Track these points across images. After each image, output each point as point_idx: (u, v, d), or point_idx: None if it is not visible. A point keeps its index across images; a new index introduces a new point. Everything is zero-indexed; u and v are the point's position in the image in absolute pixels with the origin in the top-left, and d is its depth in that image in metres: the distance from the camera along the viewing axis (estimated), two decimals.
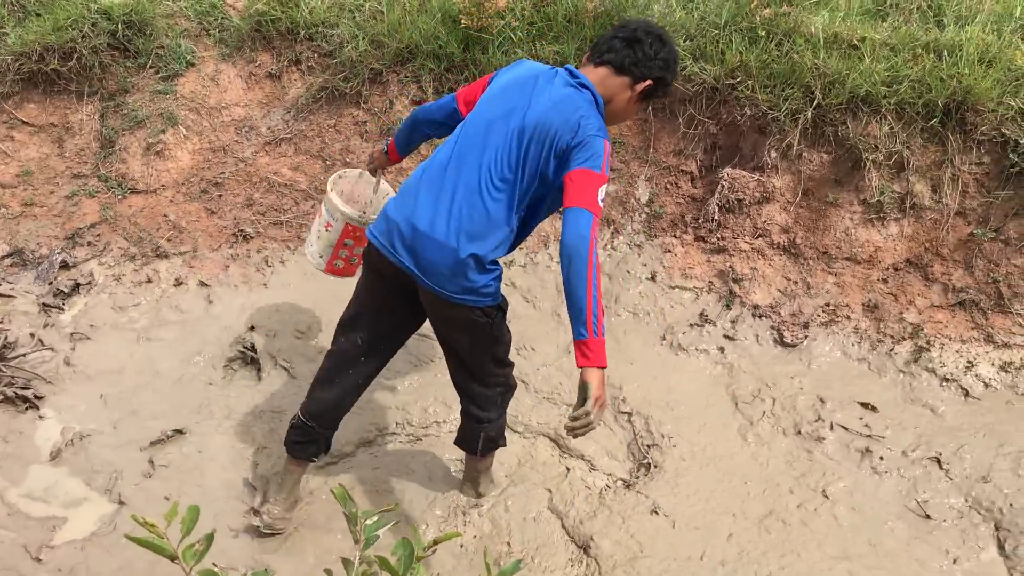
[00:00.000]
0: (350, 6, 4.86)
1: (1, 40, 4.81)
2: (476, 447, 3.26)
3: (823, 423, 3.71)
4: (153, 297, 4.33)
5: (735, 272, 4.27)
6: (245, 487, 3.44)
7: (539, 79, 2.81)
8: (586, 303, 2.58)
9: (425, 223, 2.75)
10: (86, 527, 3.28)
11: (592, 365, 2.61)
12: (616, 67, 2.81)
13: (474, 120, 2.84)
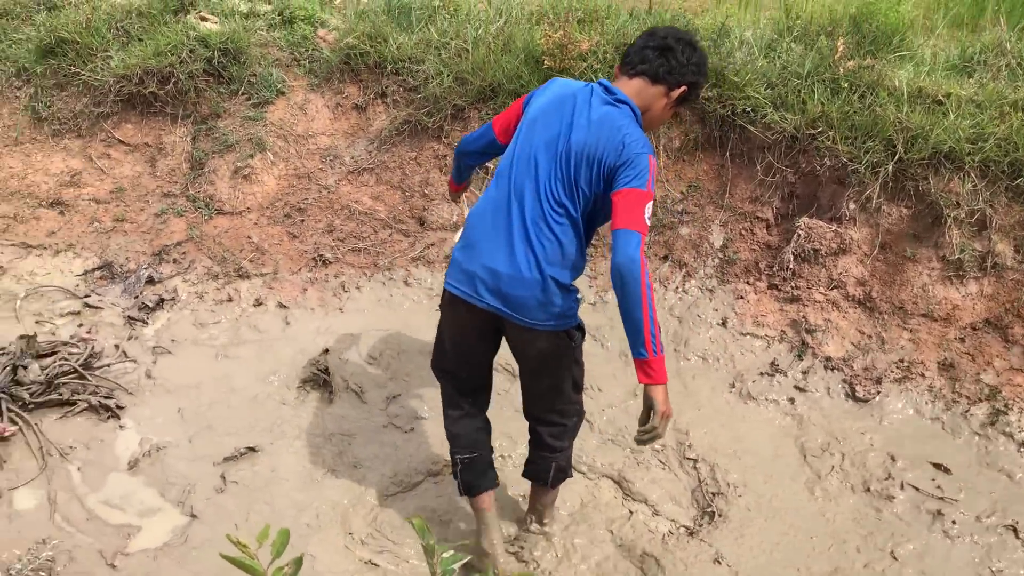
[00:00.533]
0: (436, 43, 4.99)
1: (105, 63, 5.04)
2: (548, 478, 3.26)
3: (893, 482, 3.65)
4: (233, 316, 4.47)
5: (808, 322, 4.24)
6: (314, 512, 3.50)
7: (576, 99, 2.83)
8: (643, 323, 2.62)
9: (505, 265, 2.80)
10: (159, 537, 3.36)
11: (654, 383, 2.66)
12: (651, 77, 2.84)
13: (521, 151, 2.85)
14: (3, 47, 5.35)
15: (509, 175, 2.85)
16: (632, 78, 2.86)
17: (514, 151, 2.88)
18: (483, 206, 2.90)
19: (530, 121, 2.88)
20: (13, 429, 3.70)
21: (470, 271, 2.86)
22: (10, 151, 5.17)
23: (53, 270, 4.68)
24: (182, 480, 3.60)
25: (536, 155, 2.81)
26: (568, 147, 2.77)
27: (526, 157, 2.83)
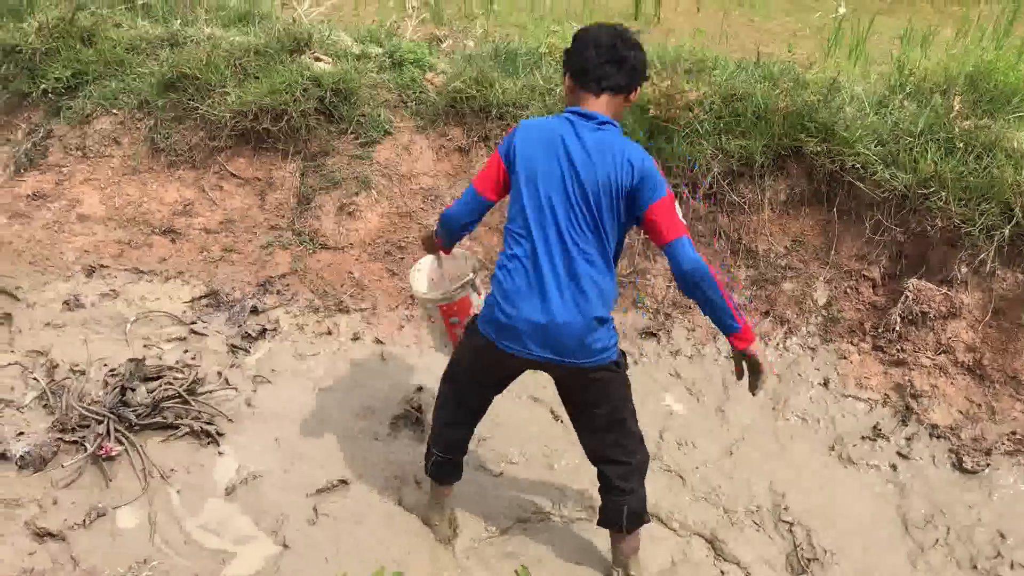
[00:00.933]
0: (541, 89, 5.05)
1: (222, 98, 5.24)
2: (621, 522, 3.26)
3: (1003, 560, 3.48)
4: (331, 349, 4.55)
5: (914, 387, 4.10)
6: (403, 548, 3.51)
7: (563, 136, 2.89)
8: (727, 305, 2.87)
9: (549, 316, 2.89)
10: (252, 565, 3.41)
11: (751, 343, 2.95)
12: (615, 90, 2.94)
13: (532, 204, 2.91)
14: (128, 80, 5.61)
15: (528, 230, 2.91)
16: (599, 95, 2.94)
17: (523, 206, 2.92)
18: (512, 265, 2.95)
19: (527, 173, 2.92)
20: (119, 449, 3.82)
21: (515, 328, 2.94)
22: (128, 179, 5.40)
23: (162, 296, 4.85)
24: (276, 509, 3.65)
25: (550, 204, 2.88)
26: (581, 186, 2.84)
27: (539, 208, 2.90)
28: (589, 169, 2.84)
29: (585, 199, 2.85)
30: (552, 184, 2.88)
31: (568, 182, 2.86)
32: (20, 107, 5.84)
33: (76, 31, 5.81)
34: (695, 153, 4.54)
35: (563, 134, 2.90)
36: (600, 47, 2.91)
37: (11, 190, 5.48)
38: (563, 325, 2.89)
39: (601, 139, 2.88)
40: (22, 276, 4.88)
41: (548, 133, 2.93)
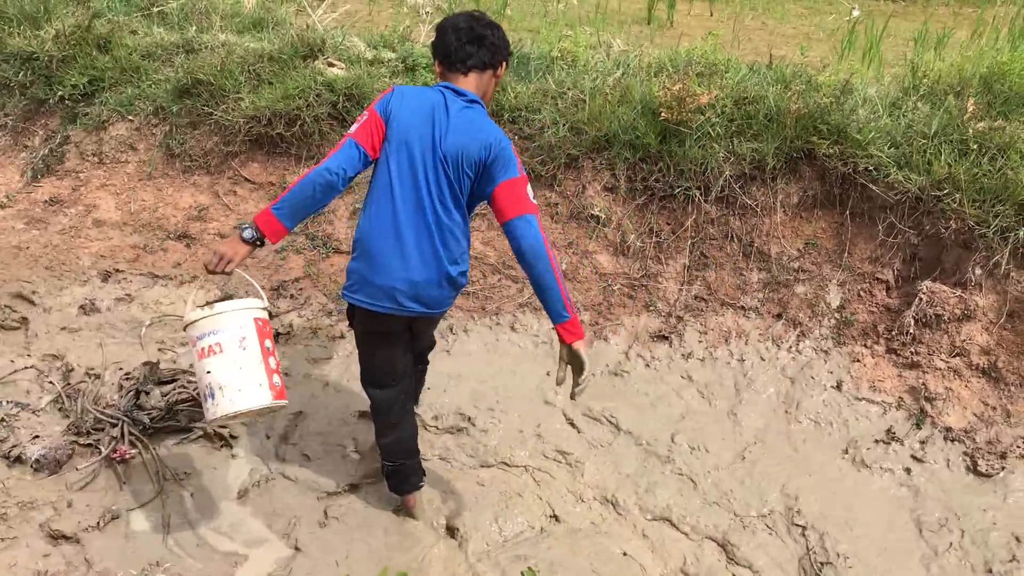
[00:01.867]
0: (553, 93, 5.05)
1: (236, 104, 5.28)
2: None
3: (1018, 565, 3.45)
4: (344, 352, 4.56)
5: (928, 390, 4.07)
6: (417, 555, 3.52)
7: (436, 107, 3.10)
8: (559, 290, 3.04)
9: (419, 274, 3.12)
10: (264, 568, 3.43)
11: (579, 338, 3.08)
12: (480, 67, 3.19)
13: (402, 164, 3.09)
14: (144, 87, 5.66)
15: (393, 189, 3.09)
16: (467, 74, 3.19)
17: (392, 165, 3.10)
18: (377, 223, 3.13)
19: (401, 135, 3.10)
20: (133, 452, 3.85)
21: (386, 287, 3.13)
22: (143, 185, 5.44)
23: (177, 300, 4.88)
24: (288, 512, 3.67)
25: (418, 166, 3.08)
26: (444, 154, 3.07)
27: (409, 169, 3.09)
28: (454, 140, 3.06)
29: (446, 168, 3.07)
30: (422, 149, 3.08)
31: (437, 149, 3.07)
32: (37, 113, 5.91)
33: (92, 38, 5.87)
34: (707, 156, 4.53)
35: (435, 105, 3.11)
36: (459, 30, 3.17)
37: (28, 196, 5.54)
38: (432, 282, 3.15)
39: (470, 117, 3.11)
40: (39, 281, 4.92)
41: (423, 102, 3.12)
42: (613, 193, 4.79)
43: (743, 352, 4.40)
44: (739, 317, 4.49)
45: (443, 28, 3.21)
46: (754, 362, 4.36)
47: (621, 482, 3.88)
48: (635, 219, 4.73)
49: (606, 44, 5.98)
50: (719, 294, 4.55)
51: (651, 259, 4.68)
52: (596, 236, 4.76)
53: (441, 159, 3.07)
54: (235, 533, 3.58)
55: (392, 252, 3.11)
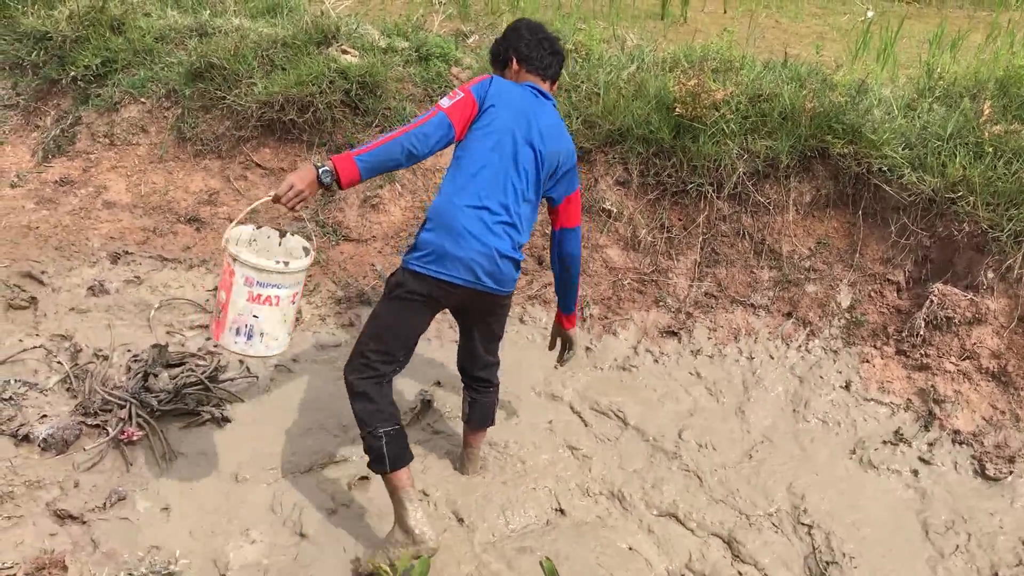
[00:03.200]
0: (567, 86, 5.04)
1: (249, 89, 5.27)
2: (494, 417, 3.78)
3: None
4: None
5: (937, 392, 4.06)
6: None
7: (531, 106, 3.27)
8: (577, 292, 3.69)
9: (501, 247, 3.20)
10: (269, 553, 3.42)
11: (575, 327, 3.84)
12: (553, 80, 3.50)
13: (502, 150, 3.19)
14: (157, 70, 5.65)
15: (485, 170, 3.17)
16: (545, 81, 3.44)
17: (488, 148, 3.18)
18: (465, 200, 3.16)
19: (504, 123, 3.20)
20: (140, 434, 3.85)
21: (466, 259, 3.15)
22: (155, 168, 5.44)
23: (186, 283, 4.87)
24: (293, 499, 3.66)
25: (518, 156, 3.20)
26: (541, 152, 3.23)
27: (508, 157, 3.19)
28: (548, 141, 3.25)
29: (538, 163, 3.23)
30: (521, 142, 3.20)
31: (534, 147, 3.22)
32: (50, 94, 5.90)
33: (106, 19, 5.87)
34: (720, 152, 4.52)
35: (530, 103, 3.28)
36: (546, 40, 3.43)
37: (39, 176, 5.53)
38: (507, 259, 3.23)
39: (559, 123, 3.37)
40: (48, 261, 4.91)
41: (522, 98, 3.28)
42: (625, 187, 4.78)
43: (752, 350, 4.39)
44: (749, 315, 4.48)
45: (530, 31, 3.44)
46: (763, 360, 4.35)
47: (628, 477, 3.88)
48: (647, 214, 4.72)
49: (620, 39, 5.97)
50: (729, 291, 4.54)
51: (662, 254, 4.68)
52: (607, 230, 4.75)
53: (538, 155, 3.23)
54: (240, 516, 3.57)
55: (477, 228, 3.15)
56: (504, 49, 3.45)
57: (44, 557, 3.22)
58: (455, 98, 3.18)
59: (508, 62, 3.44)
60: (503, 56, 3.46)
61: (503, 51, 3.46)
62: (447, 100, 3.17)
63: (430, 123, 3.10)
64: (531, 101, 3.30)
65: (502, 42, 3.48)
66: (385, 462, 3.27)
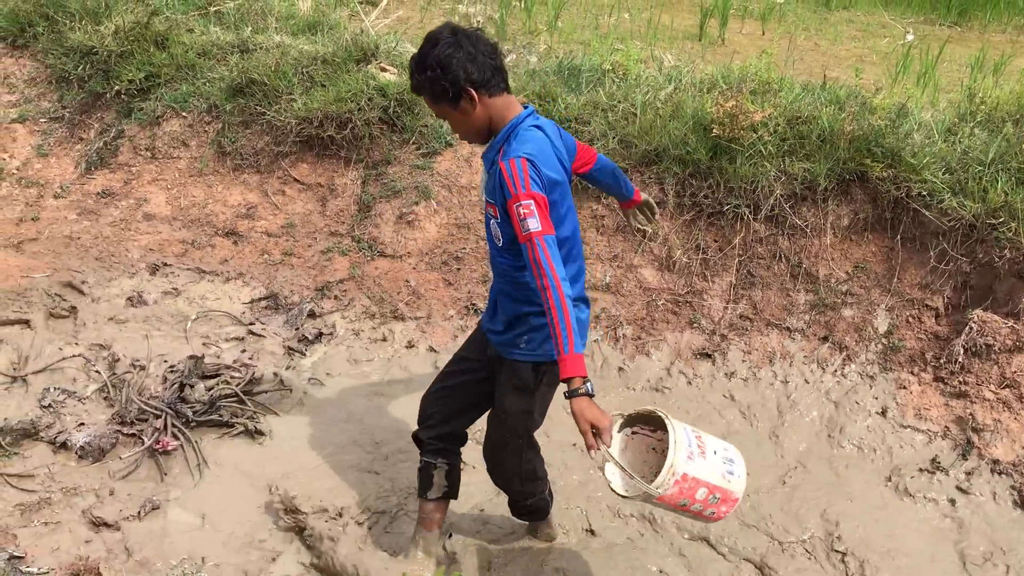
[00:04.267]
0: (604, 106, 5.05)
1: (289, 105, 5.34)
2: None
3: None
4: (386, 355, 4.58)
5: (975, 421, 4.00)
6: None
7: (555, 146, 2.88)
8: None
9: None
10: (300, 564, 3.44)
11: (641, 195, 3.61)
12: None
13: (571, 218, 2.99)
14: (199, 84, 5.74)
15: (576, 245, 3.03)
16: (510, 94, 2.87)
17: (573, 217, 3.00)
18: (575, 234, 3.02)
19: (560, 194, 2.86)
20: (175, 444, 3.89)
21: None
22: (194, 181, 5.52)
23: (223, 296, 4.93)
24: (323, 511, 3.67)
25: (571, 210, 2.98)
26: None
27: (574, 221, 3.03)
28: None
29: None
30: (568, 193, 2.93)
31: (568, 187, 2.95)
32: (94, 107, 6.01)
33: (150, 35, 5.97)
34: (758, 174, 4.50)
35: (554, 143, 2.89)
36: (494, 52, 2.80)
37: (82, 187, 5.64)
38: None
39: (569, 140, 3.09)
40: (89, 271, 5.00)
41: (552, 149, 2.85)
42: (661, 207, 4.77)
43: (787, 374, 4.35)
44: (784, 338, 4.44)
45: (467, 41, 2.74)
46: (798, 384, 4.31)
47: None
48: (682, 235, 4.71)
49: (658, 59, 5.97)
50: (765, 314, 4.51)
51: (697, 275, 4.66)
52: (642, 250, 4.74)
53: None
54: (271, 527, 3.59)
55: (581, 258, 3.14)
56: (451, 82, 2.71)
57: (79, 563, 3.25)
58: (538, 211, 2.70)
59: (460, 96, 2.74)
60: (454, 91, 2.73)
61: (450, 84, 2.72)
62: (536, 222, 2.69)
63: (556, 257, 2.72)
64: (554, 139, 2.89)
65: (443, 74, 2.71)
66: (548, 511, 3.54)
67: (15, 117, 6.14)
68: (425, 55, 2.74)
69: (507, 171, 2.70)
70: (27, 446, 3.84)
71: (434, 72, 2.72)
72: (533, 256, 2.69)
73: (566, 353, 2.64)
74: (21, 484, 3.64)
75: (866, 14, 8.54)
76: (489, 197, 2.91)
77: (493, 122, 2.83)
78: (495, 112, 2.80)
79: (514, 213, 2.70)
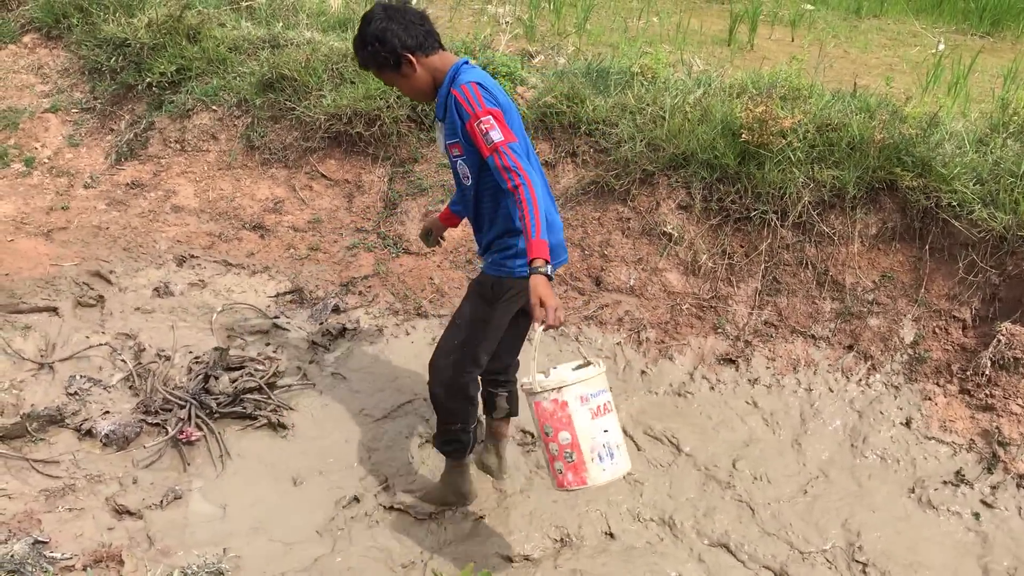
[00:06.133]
0: (632, 108, 5.04)
1: (318, 101, 5.37)
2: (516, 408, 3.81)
3: None
4: (409, 352, 4.56)
5: (1001, 434, 3.96)
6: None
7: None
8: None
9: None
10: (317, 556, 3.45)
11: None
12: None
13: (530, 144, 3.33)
14: (229, 79, 5.78)
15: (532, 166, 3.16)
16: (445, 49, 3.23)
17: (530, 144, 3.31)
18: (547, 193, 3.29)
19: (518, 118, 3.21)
20: (199, 435, 3.92)
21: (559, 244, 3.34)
22: (223, 174, 5.56)
23: (248, 289, 4.96)
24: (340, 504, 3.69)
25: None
26: None
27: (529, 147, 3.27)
28: None
29: None
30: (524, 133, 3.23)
31: None
32: (125, 98, 6.07)
33: (183, 28, 6.03)
34: (786, 180, 4.48)
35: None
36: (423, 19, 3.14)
37: (111, 178, 5.69)
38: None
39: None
40: (116, 261, 5.05)
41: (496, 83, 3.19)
42: (687, 212, 4.75)
43: (811, 382, 4.32)
44: (809, 346, 4.42)
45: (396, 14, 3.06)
46: (822, 392, 4.29)
47: (680, 504, 3.83)
48: (708, 239, 4.69)
49: (687, 63, 5.96)
50: (790, 321, 4.48)
51: (722, 281, 4.64)
52: (667, 254, 4.73)
53: None
54: (290, 521, 3.61)
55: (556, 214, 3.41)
56: (390, 51, 3.03)
57: (102, 550, 3.29)
58: (498, 122, 2.96)
59: (400, 62, 3.07)
60: (393, 59, 3.05)
61: (389, 54, 3.04)
62: (497, 131, 2.94)
63: (527, 162, 2.98)
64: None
65: (381, 46, 3.03)
66: (466, 452, 3.61)
67: (48, 107, 6.22)
68: (364, 33, 3.06)
69: (460, 95, 3.00)
70: (53, 432, 3.89)
71: (373, 47, 3.04)
72: (501, 163, 2.94)
73: (533, 238, 2.86)
74: (46, 470, 3.69)
75: (896, 23, 8.48)
76: (449, 139, 3.16)
77: (436, 79, 3.14)
78: (434, 69, 3.13)
79: (476, 131, 2.97)
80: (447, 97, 3.09)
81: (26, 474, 3.67)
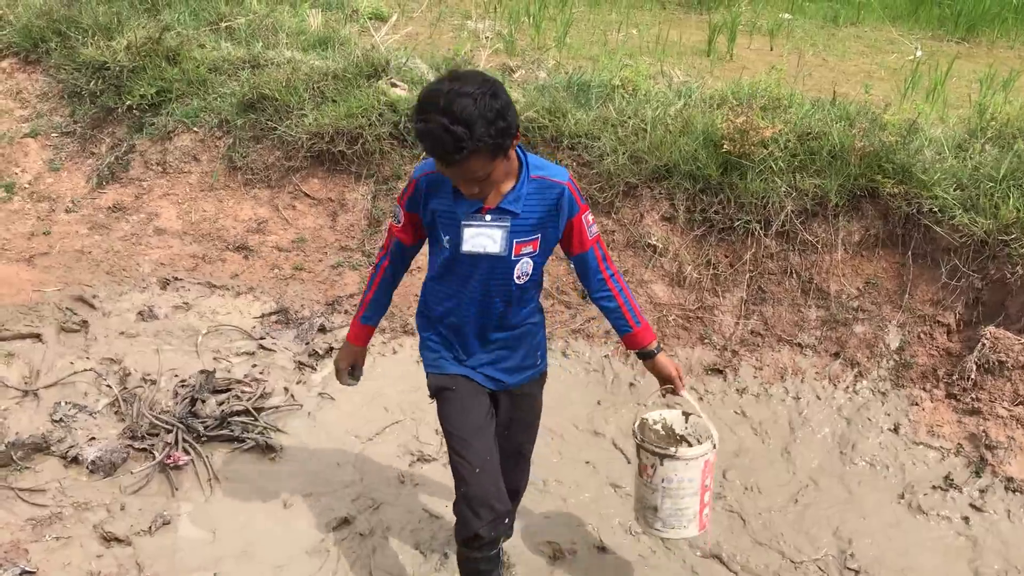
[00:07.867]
0: (614, 121, 5.07)
1: (300, 120, 5.36)
2: None
3: None
4: (397, 371, 4.57)
5: (989, 438, 3.98)
6: None
7: None
8: None
9: None
10: None
11: None
12: None
13: None
14: (210, 99, 5.77)
15: None
16: None
17: None
18: None
19: None
20: (186, 459, 3.89)
21: None
22: (205, 196, 5.54)
23: (233, 310, 4.93)
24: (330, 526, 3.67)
25: None
26: None
27: None
28: None
29: None
30: None
31: None
32: (105, 121, 6.05)
33: (162, 50, 6.02)
34: (768, 190, 4.51)
35: None
36: None
37: (93, 201, 5.66)
38: None
39: None
40: (100, 285, 5.01)
41: None
42: (671, 223, 4.77)
43: (799, 390, 4.34)
44: (796, 354, 4.43)
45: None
46: (810, 400, 4.30)
47: None
48: (692, 250, 4.71)
49: (667, 75, 5.99)
50: (776, 330, 4.50)
51: (707, 291, 4.65)
52: (652, 266, 4.74)
53: None
54: (280, 543, 3.58)
55: None
56: (515, 132, 2.45)
57: None
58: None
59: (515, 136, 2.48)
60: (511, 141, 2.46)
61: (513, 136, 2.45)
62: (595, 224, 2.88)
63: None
64: None
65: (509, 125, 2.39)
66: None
67: (27, 132, 6.18)
68: (489, 107, 2.32)
69: (573, 187, 2.71)
70: (38, 460, 3.84)
71: (506, 122, 2.37)
72: (602, 253, 2.86)
73: (639, 326, 2.92)
74: (32, 499, 3.64)
75: (874, 30, 8.56)
76: (522, 236, 2.66)
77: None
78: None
79: (583, 224, 2.76)
80: (547, 189, 2.64)
81: (12, 503, 3.62)
